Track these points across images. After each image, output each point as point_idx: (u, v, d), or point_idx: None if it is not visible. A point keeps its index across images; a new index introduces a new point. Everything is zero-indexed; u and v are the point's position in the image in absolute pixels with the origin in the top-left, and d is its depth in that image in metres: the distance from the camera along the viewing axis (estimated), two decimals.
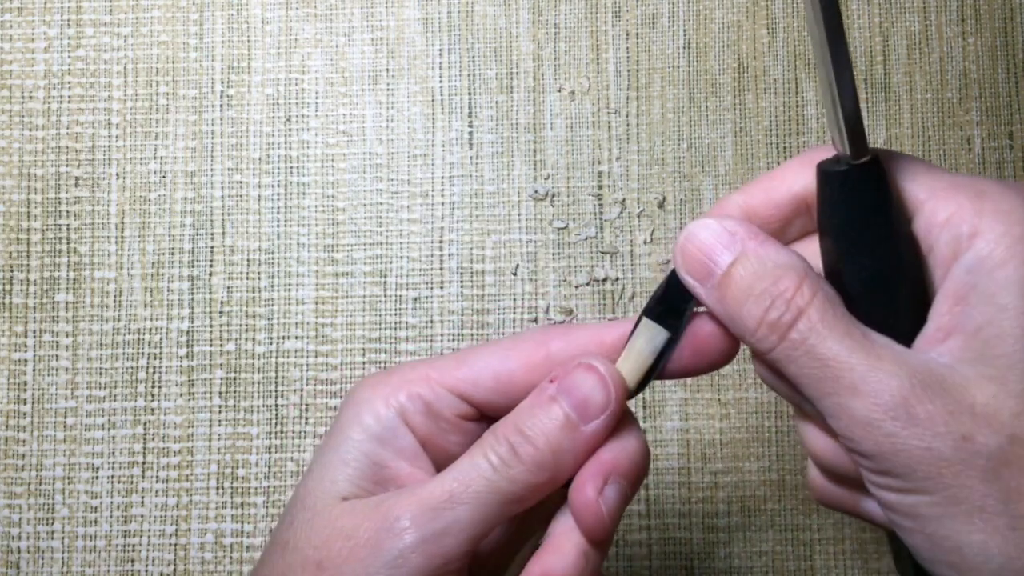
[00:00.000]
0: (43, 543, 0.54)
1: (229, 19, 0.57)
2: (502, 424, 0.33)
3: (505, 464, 0.32)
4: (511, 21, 0.57)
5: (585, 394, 0.32)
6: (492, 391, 0.34)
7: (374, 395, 0.35)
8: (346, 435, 0.35)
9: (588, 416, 0.32)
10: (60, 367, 0.55)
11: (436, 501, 0.32)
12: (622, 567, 0.54)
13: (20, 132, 0.57)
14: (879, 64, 0.56)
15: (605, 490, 0.32)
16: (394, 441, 0.34)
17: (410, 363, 0.36)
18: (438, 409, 0.35)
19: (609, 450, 0.33)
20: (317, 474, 0.35)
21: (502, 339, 0.35)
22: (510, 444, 0.32)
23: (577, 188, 0.56)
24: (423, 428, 0.35)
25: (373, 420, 0.34)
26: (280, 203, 0.56)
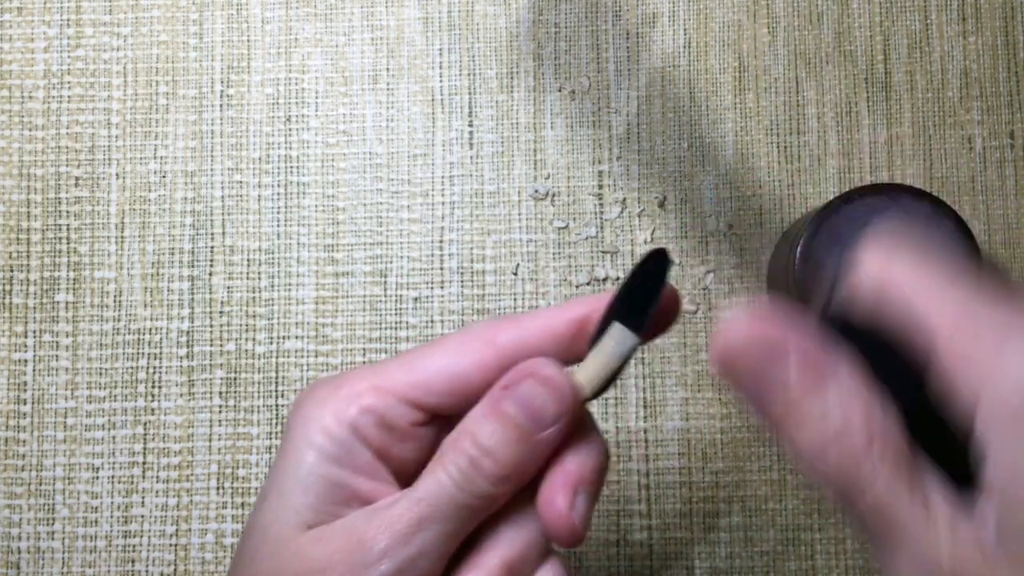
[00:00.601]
0: (43, 543, 0.54)
1: (229, 19, 0.57)
2: (460, 436, 0.33)
3: (468, 480, 0.32)
4: (511, 21, 0.57)
5: (538, 406, 0.32)
6: (445, 395, 0.34)
7: (323, 412, 0.33)
8: (300, 458, 0.33)
9: (543, 426, 0.32)
10: (60, 367, 0.55)
11: (407, 526, 0.32)
12: (622, 567, 0.54)
13: (20, 132, 0.57)
14: (879, 63, 0.56)
15: (576, 502, 0.32)
16: (351, 459, 0.33)
17: (356, 372, 0.34)
18: (391, 420, 0.33)
19: (573, 460, 0.33)
20: (275, 503, 0.33)
21: (449, 337, 0.34)
22: (470, 459, 0.32)
23: (577, 188, 0.56)
24: (378, 441, 0.34)
25: (326, 440, 0.33)
26: (280, 203, 0.56)
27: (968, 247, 0.49)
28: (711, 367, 0.31)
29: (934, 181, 0.56)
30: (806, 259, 0.49)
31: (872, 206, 0.49)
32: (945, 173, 0.56)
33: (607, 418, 0.54)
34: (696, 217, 0.56)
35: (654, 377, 0.55)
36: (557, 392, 0.32)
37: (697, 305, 0.55)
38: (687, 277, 0.55)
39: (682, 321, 0.55)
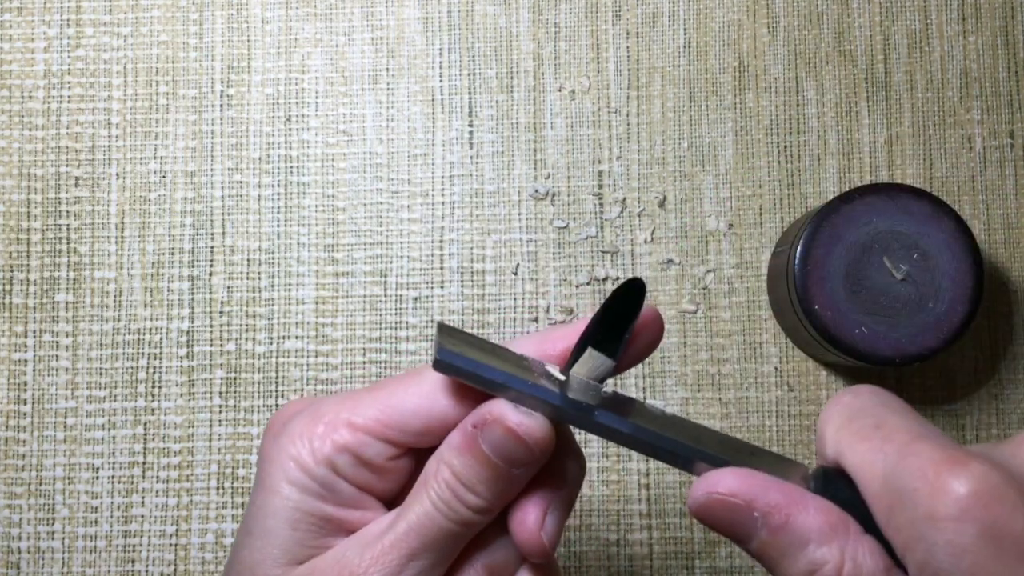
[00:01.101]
0: (43, 543, 0.54)
1: (229, 19, 0.57)
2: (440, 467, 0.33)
3: (452, 510, 0.32)
4: (511, 20, 0.57)
5: (508, 452, 0.32)
6: (421, 434, 0.33)
7: (299, 449, 0.33)
8: (283, 497, 0.33)
9: (516, 465, 0.32)
10: (60, 367, 0.55)
11: (398, 558, 0.32)
12: (623, 567, 0.54)
13: (20, 132, 0.57)
14: (880, 63, 0.56)
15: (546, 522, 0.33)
16: (333, 494, 0.33)
17: (329, 403, 0.34)
18: (367, 458, 0.33)
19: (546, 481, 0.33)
20: (260, 541, 0.33)
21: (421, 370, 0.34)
22: (453, 492, 0.32)
23: (577, 187, 0.56)
24: (355, 476, 0.33)
25: (307, 477, 0.33)
26: (280, 203, 0.56)
27: (968, 247, 0.49)
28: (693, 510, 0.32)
29: (934, 181, 0.56)
30: (806, 258, 0.49)
31: (872, 205, 0.49)
32: (945, 173, 0.56)
33: None
34: (696, 217, 0.56)
35: (654, 377, 0.55)
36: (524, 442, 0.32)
37: (697, 305, 0.55)
38: (687, 277, 0.55)
39: (682, 321, 0.55)
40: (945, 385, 0.55)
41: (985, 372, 0.55)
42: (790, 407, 0.54)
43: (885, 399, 0.30)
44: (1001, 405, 0.55)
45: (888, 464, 0.28)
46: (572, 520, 0.54)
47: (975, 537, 0.26)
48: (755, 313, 0.55)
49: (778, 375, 0.55)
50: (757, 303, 0.55)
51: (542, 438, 0.32)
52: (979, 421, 0.55)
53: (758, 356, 0.55)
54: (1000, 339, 0.55)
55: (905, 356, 0.48)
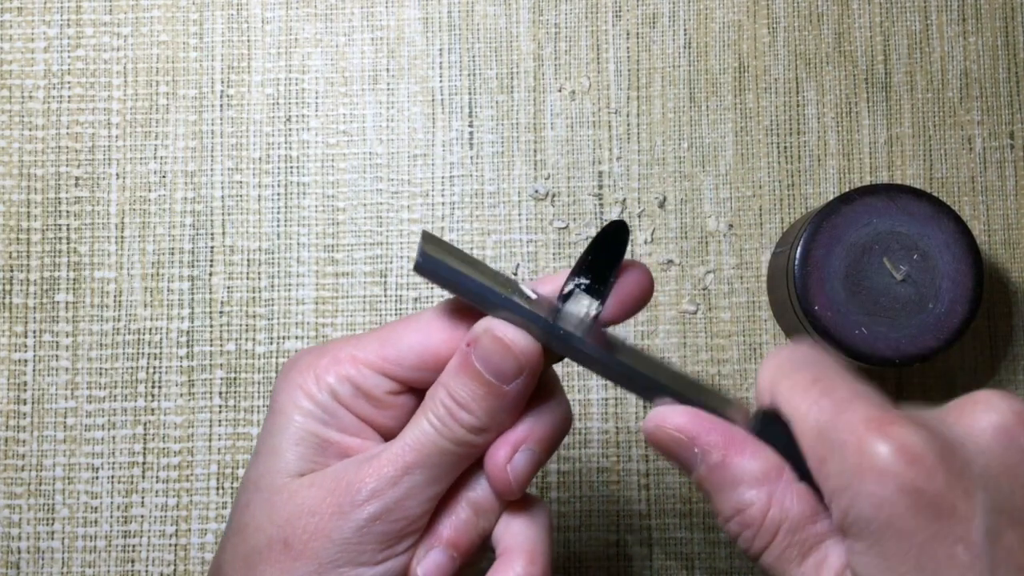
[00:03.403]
0: (43, 543, 0.54)
1: (229, 19, 0.57)
2: (438, 388, 0.35)
3: (448, 428, 0.34)
4: (511, 21, 0.57)
5: (496, 363, 0.34)
6: (416, 369, 0.35)
7: (305, 378, 0.36)
8: (288, 418, 0.36)
9: (507, 379, 0.34)
10: (60, 367, 0.55)
11: (395, 470, 0.34)
12: (622, 567, 0.54)
13: (20, 132, 0.57)
14: (880, 63, 0.56)
15: (515, 458, 0.35)
16: (335, 420, 0.36)
17: (337, 342, 0.37)
18: (367, 388, 0.35)
19: (526, 419, 0.35)
20: (266, 457, 0.36)
21: (424, 313, 0.36)
22: (448, 410, 0.34)
23: (577, 188, 0.56)
24: (356, 406, 0.36)
25: (311, 403, 0.36)
26: (280, 203, 0.56)
27: (968, 248, 0.49)
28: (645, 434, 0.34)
29: (934, 181, 0.56)
30: (806, 259, 0.49)
31: (872, 206, 0.49)
32: (945, 173, 0.56)
33: (607, 418, 0.54)
34: (696, 217, 0.56)
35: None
36: (511, 352, 0.34)
37: (697, 305, 0.55)
38: (687, 277, 0.55)
39: (682, 322, 0.55)
40: (945, 385, 0.55)
41: (985, 372, 0.55)
42: None
43: (824, 358, 0.33)
44: None
45: (823, 417, 0.30)
46: (572, 520, 0.54)
47: (894, 492, 0.28)
48: (755, 314, 0.55)
49: None
50: (757, 304, 0.55)
51: (527, 347, 0.34)
52: None
53: (758, 357, 0.55)
54: (1000, 339, 0.55)
55: (905, 356, 0.48)
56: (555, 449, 0.36)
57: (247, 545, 0.35)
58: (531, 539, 0.36)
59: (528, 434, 0.35)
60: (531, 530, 0.36)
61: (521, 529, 0.36)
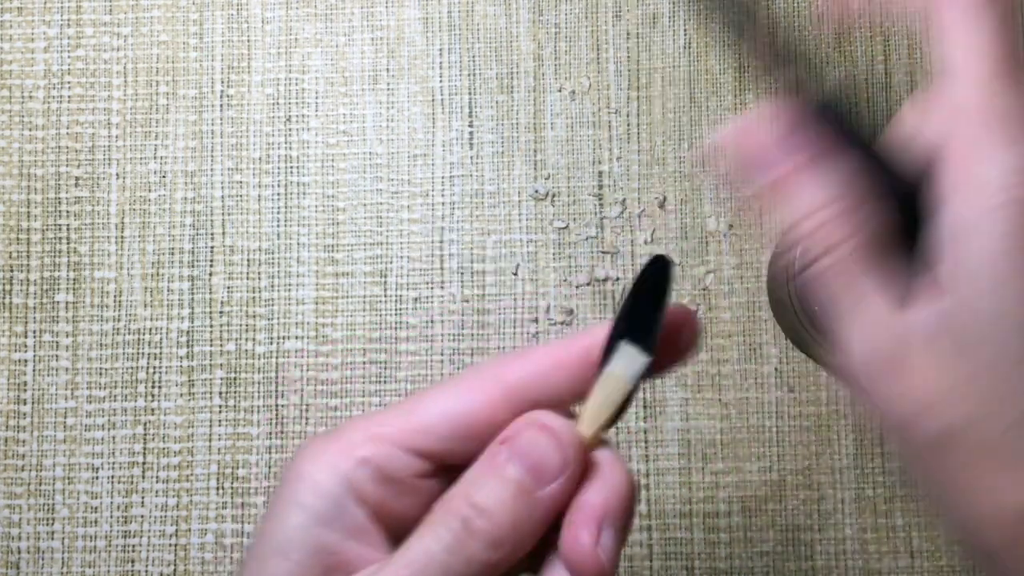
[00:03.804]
0: (43, 543, 0.54)
1: (229, 19, 0.57)
2: (453, 497, 0.29)
3: (459, 543, 0.28)
4: (511, 21, 0.57)
5: (538, 457, 0.29)
6: (448, 439, 0.30)
7: (316, 467, 0.30)
8: (284, 521, 0.30)
9: (544, 480, 0.29)
10: (60, 367, 0.55)
11: None
12: (622, 567, 0.54)
13: (20, 132, 0.57)
14: (880, 64, 0.56)
15: (601, 537, 0.29)
16: (341, 520, 0.30)
17: (352, 423, 0.31)
18: (391, 472, 0.30)
19: (595, 493, 0.30)
20: (253, 570, 0.30)
21: (452, 378, 0.31)
22: (462, 520, 0.28)
23: (578, 188, 0.56)
24: (375, 496, 0.30)
25: (315, 499, 0.30)
26: (280, 203, 0.56)
27: None
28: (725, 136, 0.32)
29: None
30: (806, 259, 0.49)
31: None
32: None
33: None
34: (696, 217, 0.56)
35: None
36: (557, 441, 0.29)
37: (697, 305, 0.55)
38: (687, 277, 0.55)
39: None
40: None
41: None
42: (790, 408, 0.54)
43: None
44: None
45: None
46: None
47: None
48: (755, 314, 0.55)
49: (778, 376, 0.55)
50: (757, 303, 0.55)
51: (576, 442, 0.29)
52: None
53: (758, 357, 0.55)
54: None
55: None
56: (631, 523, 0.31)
57: None
58: None
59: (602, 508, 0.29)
60: None
61: None
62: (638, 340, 0.30)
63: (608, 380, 0.30)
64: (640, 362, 0.30)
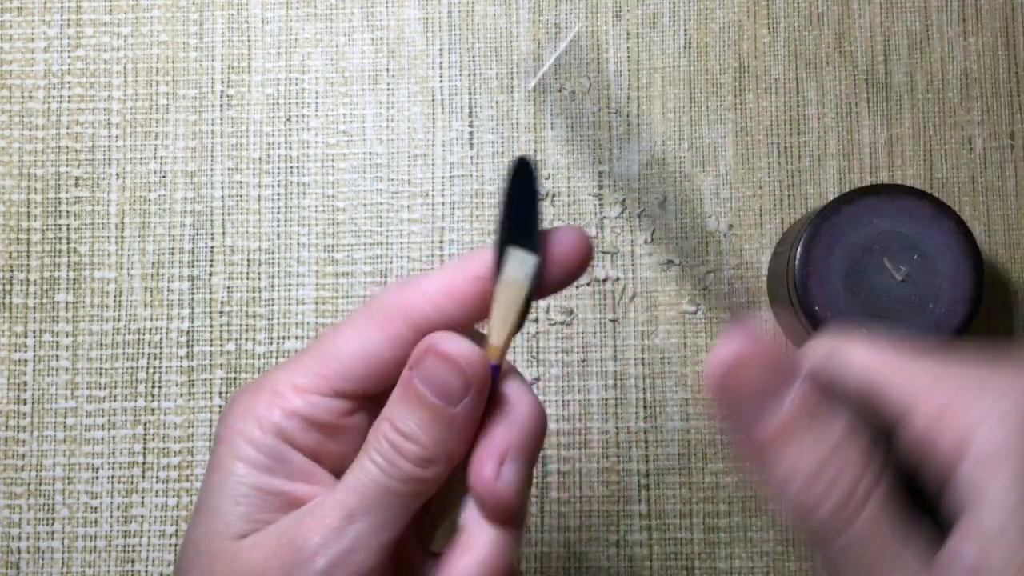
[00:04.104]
0: (43, 543, 0.54)
1: (229, 19, 0.57)
2: (380, 422, 0.32)
3: (393, 465, 0.31)
4: (511, 21, 0.57)
5: (442, 382, 0.31)
6: (365, 379, 0.32)
7: (247, 424, 0.32)
8: (228, 472, 0.32)
9: (454, 400, 0.31)
10: (60, 367, 0.55)
11: (338, 520, 0.31)
12: (622, 567, 0.54)
13: (20, 132, 0.57)
14: (880, 64, 0.56)
15: (503, 471, 0.31)
16: (282, 466, 0.32)
17: (273, 373, 0.33)
18: (318, 418, 0.32)
19: (499, 427, 0.32)
20: (206, 518, 0.32)
21: (357, 315, 0.33)
22: (392, 444, 0.31)
23: (577, 188, 0.56)
24: (309, 442, 0.32)
25: (254, 451, 0.32)
26: (280, 203, 0.56)
27: (969, 248, 0.49)
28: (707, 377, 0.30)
29: (934, 181, 0.56)
30: (806, 259, 0.49)
31: (872, 206, 0.49)
32: (945, 173, 0.56)
33: (607, 418, 0.54)
34: (696, 217, 0.56)
35: (654, 378, 0.55)
36: (457, 365, 0.31)
37: (697, 305, 0.55)
38: (687, 278, 0.55)
39: (682, 322, 0.55)
40: None
41: None
42: None
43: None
44: None
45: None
46: (572, 520, 0.54)
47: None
48: (755, 313, 0.55)
49: None
50: (757, 303, 0.55)
51: (477, 359, 0.31)
52: None
53: None
54: (1000, 339, 0.55)
55: None
56: (539, 452, 0.33)
57: None
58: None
59: (506, 442, 0.32)
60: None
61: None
62: (522, 243, 0.32)
63: (505, 287, 0.32)
64: (530, 263, 0.32)
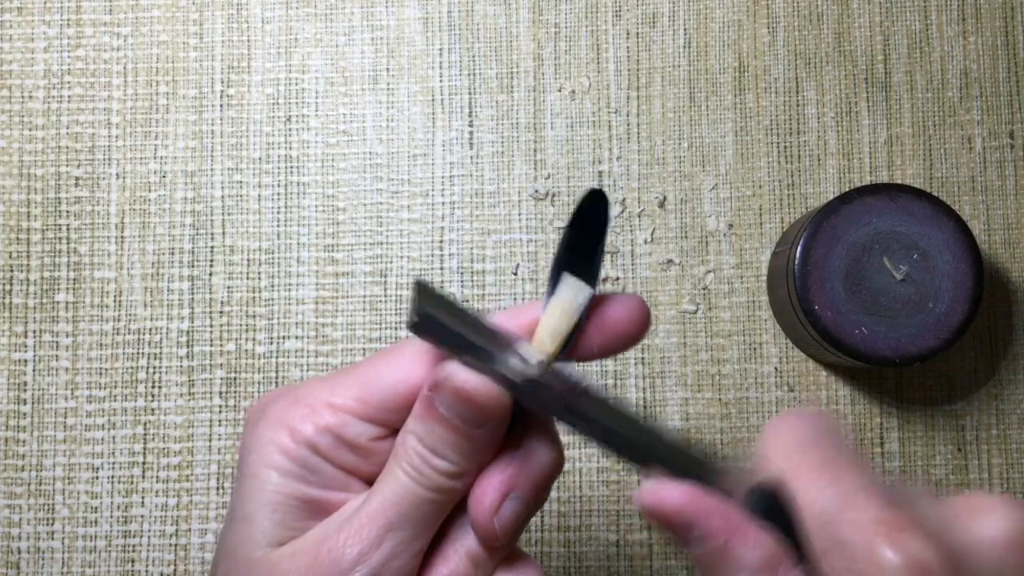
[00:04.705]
0: (43, 543, 0.54)
1: (229, 19, 0.57)
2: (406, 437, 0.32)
3: (424, 476, 0.32)
4: (511, 20, 0.57)
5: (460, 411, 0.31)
6: (402, 411, 0.33)
7: (279, 433, 0.33)
8: (262, 481, 0.33)
9: (474, 425, 0.32)
10: (60, 367, 0.55)
11: (377, 530, 0.32)
12: (623, 567, 0.54)
13: (20, 132, 0.57)
14: (880, 63, 0.56)
15: (503, 507, 0.32)
16: (315, 476, 0.33)
17: (309, 386, 0.34)
18: (350, 439, 0.33)
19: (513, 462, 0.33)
20: (240, 526, 0.33)
21: (402, 346, 0.33)
22: (421, 458, 0.32)
23: (578, 188, 0.56)
24: (339, 458, 0.33)
25: (287, 461, 0.33)
26: (280, 203, 0.56)
27: (968, 247, 0.49)
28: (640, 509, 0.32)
29: (934, 181, 0.56)
30: (806, 259, 0.49)
31: (872, 206, 0.49)
32: (945, 173, 0.56)
33: None
34: (696, 217, 0.56)
35: (654, 377, 0.55)
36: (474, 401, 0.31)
37: (697, 305, 0.55)
38: (687, 277, 0.55)
39: (682, 321, 0.55)
40: (945, 385, 0.55)
41: (985, 372, 0.55)
42: (790, 407, 0.54)
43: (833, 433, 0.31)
44: (1001, 405, 0.55)
45: (830, 507, 0.29)
46: (572, 520, 0.54)
47: None
48: (755, 313, 0.55)
49: (778, 375, 0.55)
50: (757, 303, 0.55)
51: (492, 395, 0.31)
52: (979, 421, 0.55)
53: (758, 356, 0.55)
54: (1000, 339, 0.55)
55: (905, 356, 0.48)
56: (546, 496, 0.34)
57: None
58: None
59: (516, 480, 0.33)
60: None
61: None
62: (580, 273, 0.31)
63: (554, 310, 0.32)
64: (585, 294, 0.31)
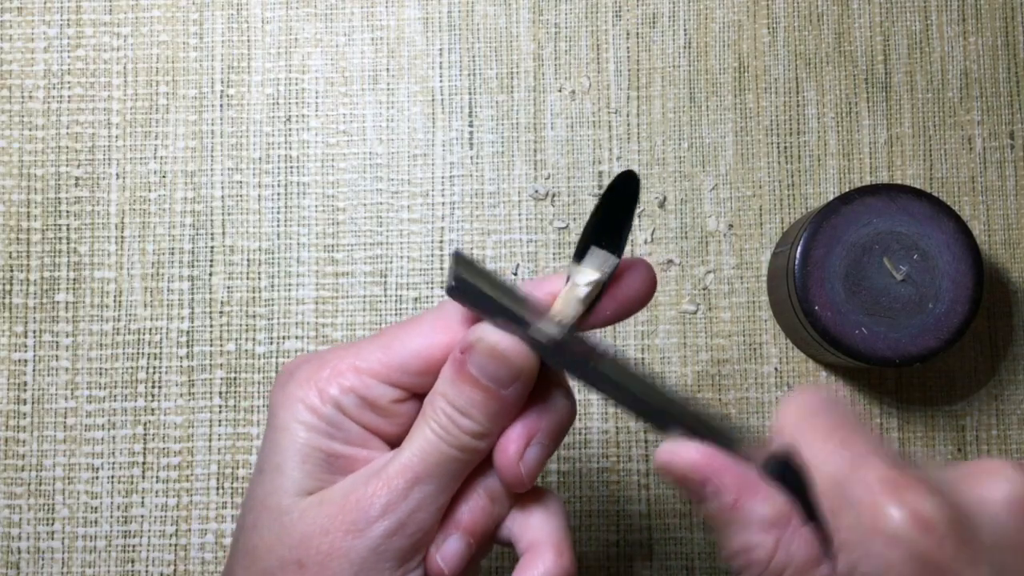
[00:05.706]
0: (43, 543, 0.54)
1: (229, 19, 0.57)
2: (436, 398, 0.35)
3: (452, 435, 0.34)
4: (511, 21, 0.57)
5: (492, 369, 0.33)
6: (422, 374, 0.35)
7: (307, 391, 0.35)
8: (292, 434, 0.35)
9: (503, 384, 0.34)
10: (60, 367, 0.55)
11: (404, 483, 0.34)
12: (623, 567, 0.54)
13: (20, 132, 0.57)
14: (880, 63, 0.56)
15: (527, 453, 0.35)
16: (341, 433, 0.35)
17: (335, 351, 0.36)
18: (372, 399, 0.35)
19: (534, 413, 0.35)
20: (271, 476, 0.35)
21: (425, 316, 0.36)
22: (449, 417, 0.34)
23: (578, 188, 0.56)
24: (362, 418, 0.35)
25: (315, 417, 0.35)
26: (280, 203, 0.56)
27: (968, 248, 0.49)
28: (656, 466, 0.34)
29: (934, 181, 0.56)
30: (806, 259, 0.49)
31: (872, 206, 0.49)
32: (945, 173, 0.56)
33: (607, 418, 0.54)
34: (696, 217, 0.56)
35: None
36: (507, 359, 0.33)
37: (697, 306, 0.55)
38: (687, 277, 0.55)
39: (682, 321, 0.55)
40: (945, 385, 0.55)
41: (985, 372, 0.55)
42: None
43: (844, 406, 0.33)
44: (1001, 405, 0.55)
45: (840, 469, 0.31)
46: (572, 520, 0.54)
47: (904, 557, 0.29)
48: (755, 313, 0.55)
49: (778, 376, 0.55)
50: (757, 303, 0.55)
51: (522, 354, 0.34)
52: (979, 421, 0.55)
53: (758, 357, 0.55)
54: (1000, 339, 0.55)
55: (905, 356, 0.48)
56: (562, 440, 0.36)
57: (258, 567, 0.34)
58: (554, 532, 0.36)
59: (536, 428, 0.35)
60: (551, 523, 0.36)
61: (542, 523, 0.36)
62: (607, 245, 0.34)
63: (582, 277, 0.34)
64: (610, 263, 0.34)
